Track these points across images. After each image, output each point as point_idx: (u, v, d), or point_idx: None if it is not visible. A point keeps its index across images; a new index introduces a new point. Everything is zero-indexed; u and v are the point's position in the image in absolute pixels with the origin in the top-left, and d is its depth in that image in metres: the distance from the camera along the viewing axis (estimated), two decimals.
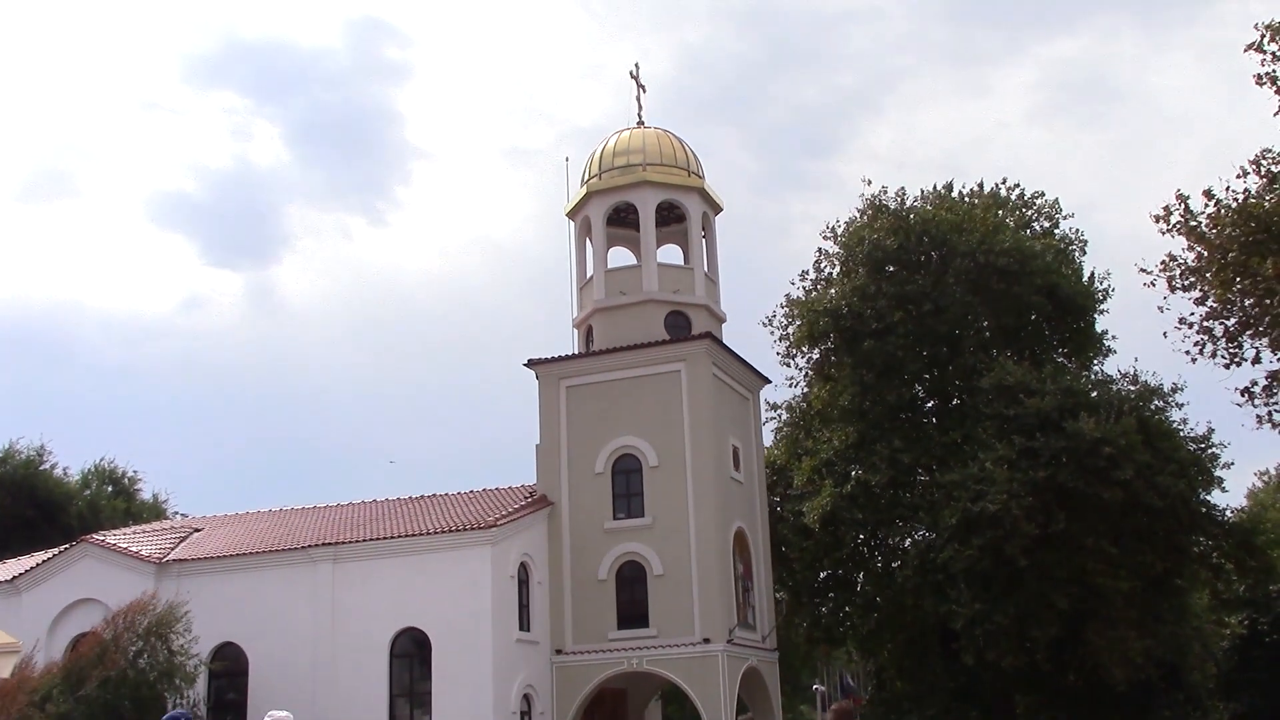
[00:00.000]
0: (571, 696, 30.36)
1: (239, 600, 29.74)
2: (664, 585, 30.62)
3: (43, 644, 28.35)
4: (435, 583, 28.65)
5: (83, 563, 31.60)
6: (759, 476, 35.62)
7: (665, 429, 31.54)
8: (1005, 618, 32.59)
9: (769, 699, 33.55)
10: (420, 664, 28.88)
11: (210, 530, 35.02)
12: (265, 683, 29.19)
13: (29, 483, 48.10)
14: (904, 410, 38.57)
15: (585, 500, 31.62)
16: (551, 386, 32.96)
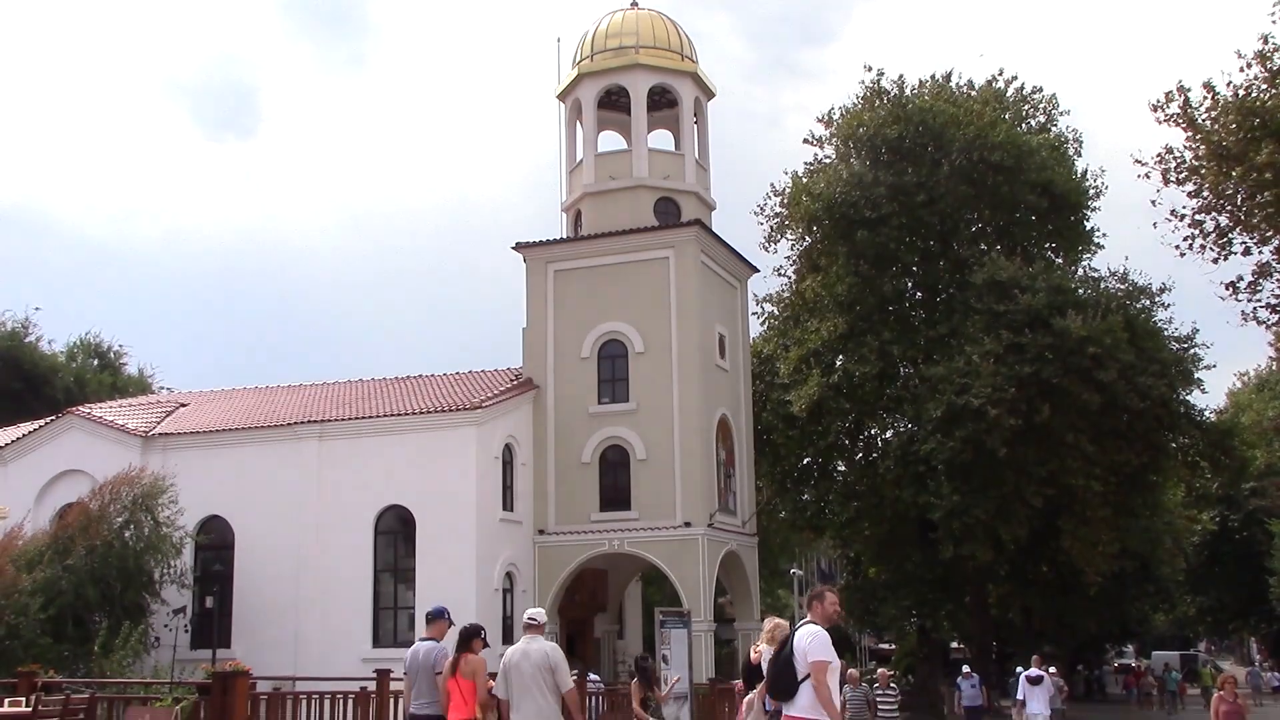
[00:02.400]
0: (553, 575, 30.83)
1: (225, 475, 29.90)
2: (647, 469, 30.90)
3: (30, 513, 28.54)
4: (420, 462, 28.82)
5: (69, 434, 31.70)
6: (744, 365, 35.74)
7: (652, 315, 31.51)
8: (983, 511, 33.09)
9: (747, 583, 34.13)
10: (404, 541, 29.21)
11: (196, 405, 35.08)
12: (251, 556, 29.53)
13: (13, 355, 47.98)
14: (893, 303, 38.66)
15: (571, 384, 31.72)
16: (539, 270, 32.83)
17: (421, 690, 11.44)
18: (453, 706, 11.03)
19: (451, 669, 11.15)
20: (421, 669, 11.50)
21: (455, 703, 11.02)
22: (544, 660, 10.60)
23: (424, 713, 11.38)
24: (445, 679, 11.15)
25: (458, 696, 11.01)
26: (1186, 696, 48.43)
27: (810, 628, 9.43)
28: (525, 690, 10.49)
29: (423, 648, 11.70)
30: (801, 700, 9.20)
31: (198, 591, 29.33)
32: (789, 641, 9.49)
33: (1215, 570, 52.98)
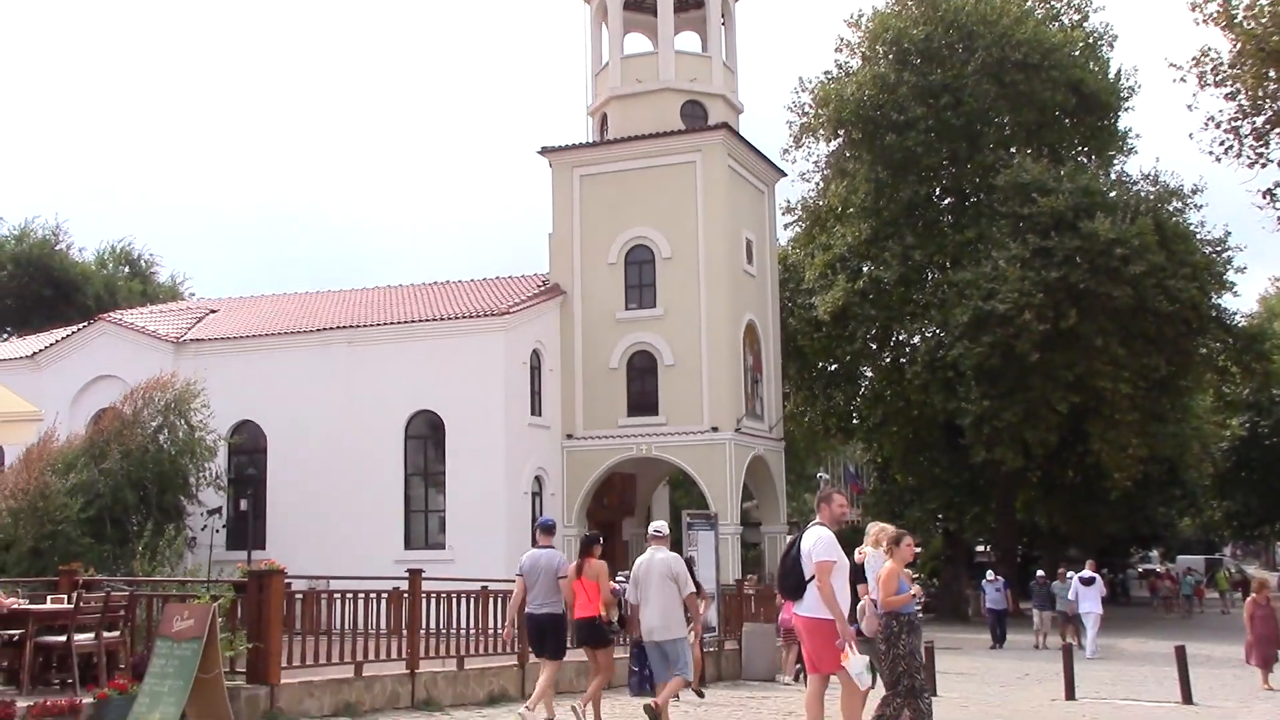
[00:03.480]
0: (582, 479, 31.18)
1: (256, 380, 30.21)
2: (674, 375, 31.03)
3: (64, 418, 28.94)
4: (449, 367, 29.03)
5: (101, 340, 32.05)
6: (771, 270, 35.63)
7: (679, 220, 31.39)
8: (1012, 416, 33.13)
9: (774, 487, 34.42)
10: (434, 445, 29.56)
11: (227, 312, 35.35)
12: (283, 460, 29.96)
13: (44, 262, 48.33)
14: (919, 207, 38.36)
15: (598, 290, 31.75)
16: (565, 175, 32.67)
17: (542, 592, 12.41)
18: (578, 605, 12.28)
19: (576, 572, 12.36)
20: (543, 573, 12.42)
21: (580, 602, 12.26)
22: (667, 569, 11.80)
23: (543, 612, 12.41)
24: (570, 581, 12.31)
25: (582, 596, 12.25)
26: (1204, 600, 48.79)
27: (817, 529, 9.63)
28: (651, 594, 11.77)
29: (542, 554, 12.57)
30: (808, 600, 9.45)
31: (232, 494, 29.82)
32: (796, 544, 9.71)
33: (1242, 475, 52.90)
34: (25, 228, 49.72)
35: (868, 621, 10.10)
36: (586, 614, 12.26)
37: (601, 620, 12.35)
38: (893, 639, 9.96)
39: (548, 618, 12.46)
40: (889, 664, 9.94)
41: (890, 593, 9.97)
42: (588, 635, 12.42)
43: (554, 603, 12.42)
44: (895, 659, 9.95)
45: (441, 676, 14.33)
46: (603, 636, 12.47)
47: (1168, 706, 15.58)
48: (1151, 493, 46.14)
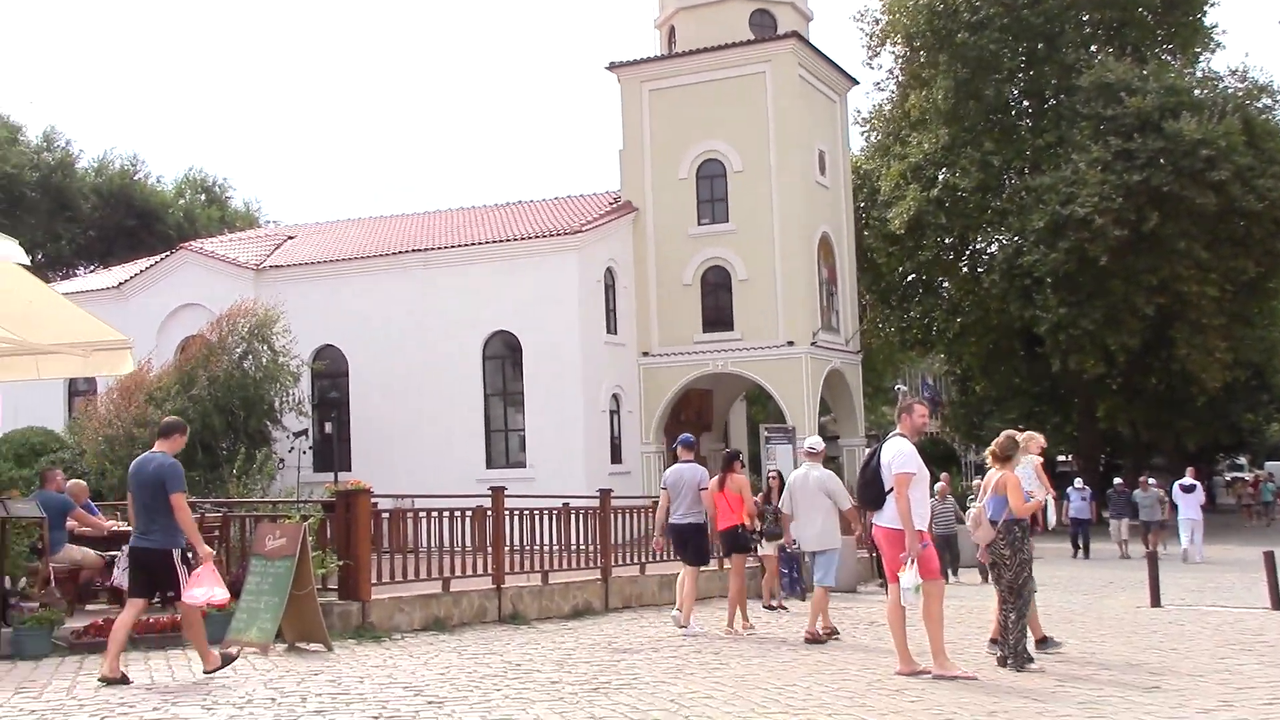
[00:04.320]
0: (659, 396, 31.32)
1: (335, 305, 30.63)
2: (748, 290, 30.91)
3: (151, 346, 29.59)
4: (524, 288, 29.17)
5: (184, 269, 32.63)
6: (845, 182, 35.16)
7: (750, 133, 31.02)
8: (1091, 323, 32.60)
9: (851, 400, 34.31)
10: (512, 365, 29.82)
11: (303, 238, 35.77)
12: (365, 383, 30.46)
13: (125, 193, 49.19)
14: (996, 112, 37.52)
15: (669, 206, 31.59)
16: (634, 90, 32.39)
17: (685, 503, 13.20)
18: (721, 515, 13.20)
19: (719, 485, 13.17)
20: (686, 485, 13.23)
21: (723, 512, 13.18)
22: (821, 484, 12.74)
23: (686, 522, 13.24)
24: (712, 494, 13.16)
25: (725, 507, 13.15)
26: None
27: (897, 440, 9.60)
28: (805, 507, 12.81)
29: (685, 469, 13.37)
30: (887, 511, 9.48)
31: (316, 418, 30.40)
32: (876, 455, 9.70)
33: None
34: (104, 159, 50.62)
35: (982, 531, 10.10)
36: (730, 524, 13.15)
37: (744, 529, 13.26)
38: (1016, 544, 9.98)
39: (690, 527, 13.27)
40: (1014, 569, 9.95)
41: (1020, 500, 9.94)
42: (731, 543, 13.32)
43: (696, 513, 13.24)
44: (1021, 564, 9.97)
45: (527, 591, 14.61)
46: (745, 544, 13.43)
47: (1257, 612, 15.42)
48: (1238, 398, 45.25)
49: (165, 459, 9.33)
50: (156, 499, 9.18)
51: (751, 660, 10.79)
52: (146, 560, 9.29)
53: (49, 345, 13.22)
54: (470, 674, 9.73)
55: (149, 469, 9.30)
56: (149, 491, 9.25)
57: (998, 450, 10.37)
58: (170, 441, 9.49)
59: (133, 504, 9.47)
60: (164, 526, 9.17)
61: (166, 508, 9.14)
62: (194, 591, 9.18)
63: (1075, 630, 12.84)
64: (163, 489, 9.15)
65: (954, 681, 9.13)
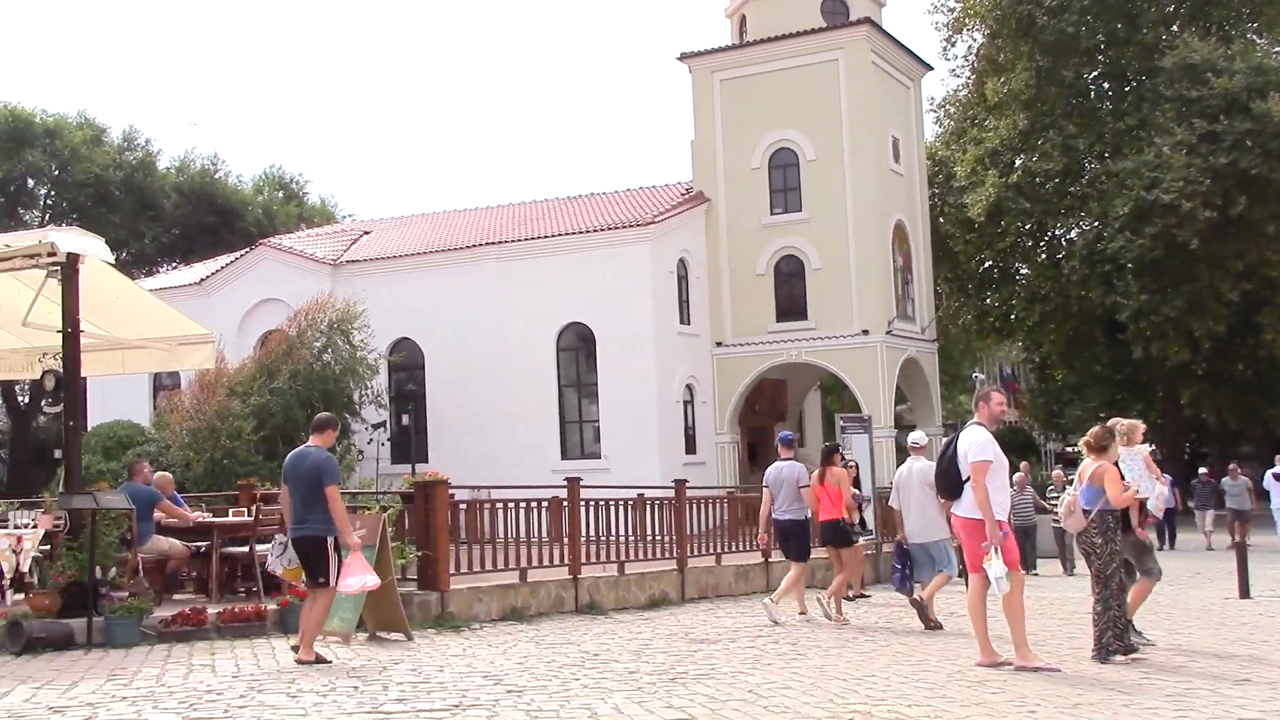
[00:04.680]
0: (732, 386, 31.24)
1: (411, 298, 30.95)
2: (822, 279, 30.71)
3: (234, 341, 30.15)
4: (597, 279, 29.26)
5: (263, 265, 33.19)
6: (920, 169, 34.77)
7: (823, 121, 30.80)
8: (1174, 309, 31.96)
9: (928, 389, 33.97)
10: (585, 357, 29.94)
11: (379, 232, 36.20)
12: (441, 375, 30.76)
13: (207, 191, 50.09)
14: (1077, 95, 36.87)
15: (742, 196, 31.48)
16: (705, 80, 32.30)
17: (785, 500, 13.50)
18: (822, 509, 13.48)
19: (819, 480, 13.48)
20: (785, 482, 13.52)
21: (824, 506, 13.45)
22: (925, 476, 12.76)
23: (787, 518, 13.53)
24: (812, 489, 13.43)
25: (825, 501, 13.43)
26: None
27: (974, 429, 9.47)
28: (912, 500, 13.28)
29: (784, 465, 13.70)
30: (965, 501, 9.34)
31: (394, 410, 30.76)
32: (953, 444, 9.58)
33: None
34: (186, 159, 51.60)
35: (1074, 519, 9.97)
36: (830, 517, 13.45)
37: (845, 522, 13.59)
38: (1108, 533, 9.83)
39: (791, 523, 13.56)
40: (1103, 558, 9.81)
41: (1119, 491, 9.79)
42: (832, 536, 13.58)
43: (797, 509, 13.50)
44: (1111, 554, 9.82)
45: (603, 581, 14.66)
46: (846, 537, 13.69)
47: None
48: None
49: (320, 453, 9.79)
50: (312, 491, 9.62)
51: (830, 651, 10.73)
52: (305, 548, 9.75)
53: (135, 340, 13.55)
54: (548, 663, 9.78)
55: (305, 463, 9.74)
56: (305, 484, 9.66)
57: (1092, 441, 10.21)
58: (323, 436, 9.95)
59: (288, 496, 9.85)
60: (319, 517, 9.60)
61: (321, 499, 9.56)
62: (348, 580, 9.60)
63: (1161, 622, 12.61)
64: (318, 481, 9.59)
65: (1036, 673, 9.00)
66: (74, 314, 11.43)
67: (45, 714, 7.45)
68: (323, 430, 9.98)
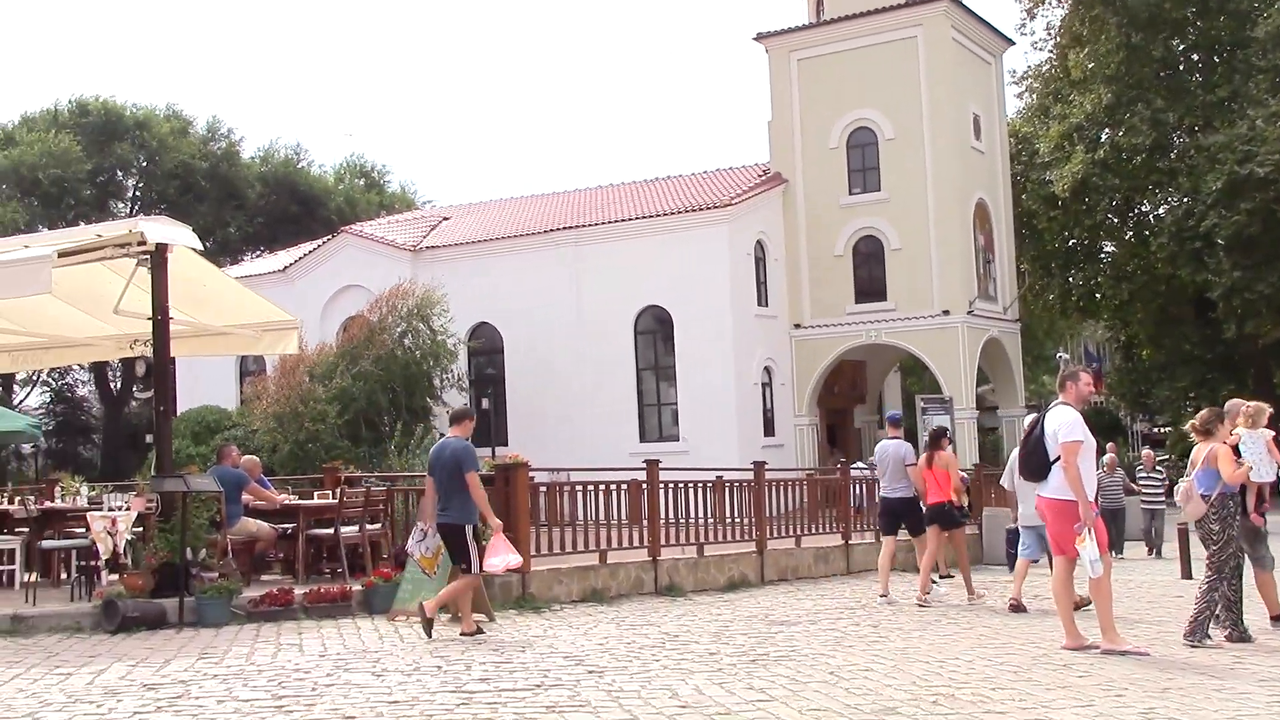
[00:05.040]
0: (811, 368, 31.06)
1: (490, 283, 31.18)
2: (902, 259, 30.39)
3: (317, 326, 30.63)
4: (674, 262, 29.23)
5: (345, 252, 33.64)
6: (1001, 146, 34.20)
7: (902, 99, 30.42)
8: (1268, 286, 31.13)
9: (1010, 369, 33.48)
10: (663, 340, 29.95)
11: (458, 218, 36.51)
12: (520, 359, 30.98)
13: (290, 180, 50.90)
14: (1166, 68, 35.95)
15: (820, 176, 31.22)
16: (782, 60, 32.06)
17: (891, 478, 13.79)
18: (930, 491, 13.67)
19: (927, 463, 13.71)
20: (892, 460, 13.74)
21: (931, 488, 13.65)
22: None
23: (896, 495, 13.80)
24: (920, 470, 13.68)
25: (933, 484, 13.65)
26: None
27: (1062, 409, 9.30)
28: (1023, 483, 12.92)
29: (891, 445, 13.90)
30: (1053, 481, 9.18)
31: (473, 394, 31.04)
32: (1039, 424, 9.41)
33: None
34: (269, 149, 52.46)
35: (1193, 505, 9.78)
36: (938, 499, 13.64)
37: (952, 505, 13.75)
38: (1228, 519, 9.64)
39: (898, 500, 13.80)
40: (1220, 544, 9.62)
41: (1231, 467, 9.60)
42: (938, 518, 13.71)
43: (903, 487, 13.72)
44: (1229, 539, 9.63)
45: (683, 563, 14.68)
46: (953, 519, 13.84)
47: None
48: None
49: (460, 443, 10.34)
50: (453, 479, 10.19)
51: (912, 634, 10.64)
52: (446, 534, 10.39)
53: (222, 326, 13.81)
54: (628, 644, 9.82)
55: (446, 452, 10.32)
56: (447, 472, 10.24)
57: (1199, 424, 10.02)
58: (461, 427, 10.55)
59: (432, 484, 10.44)
60: (460, 504, 10.18)
61: (462, 486, 10.13)
62: (492, 560, 10.17)
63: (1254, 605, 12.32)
64: (458, 469, 10.16)
65: (1124, 656, 8.85)
66: (163, 301, 11.69)
67: (140, 691, 7.64)
68: (460, 421, 10.61)
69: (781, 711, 6.95)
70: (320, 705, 7.15)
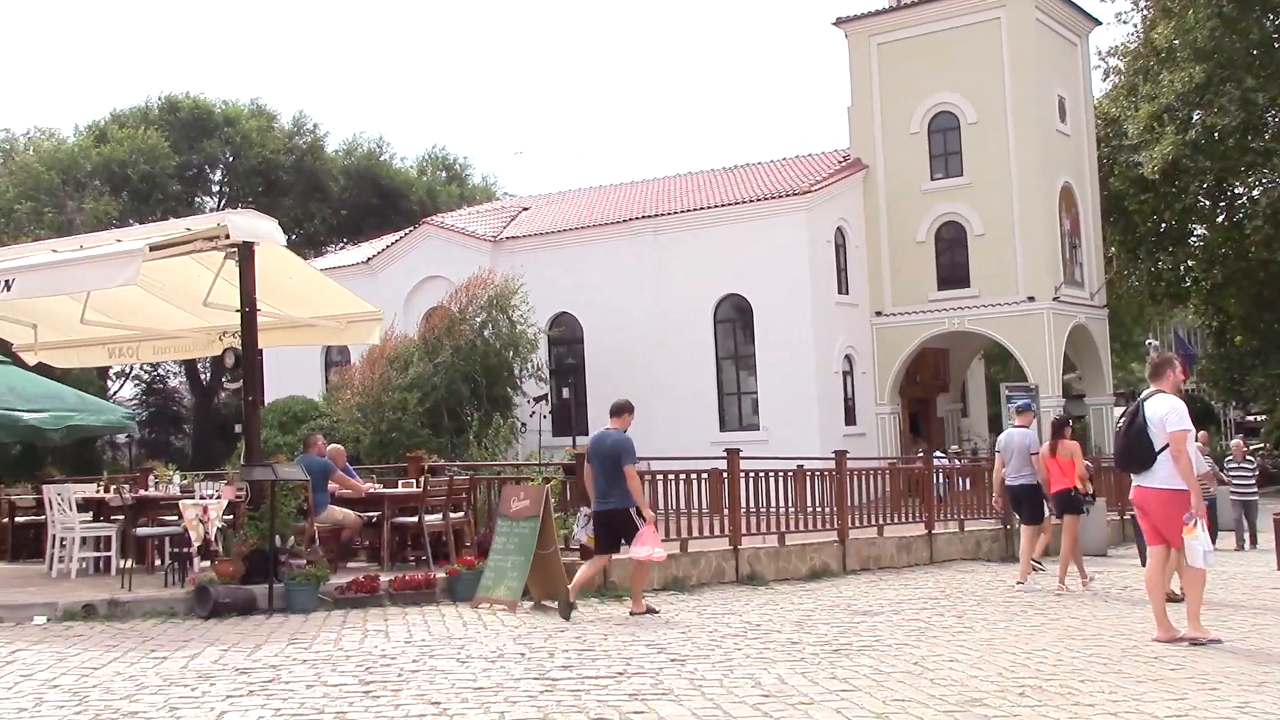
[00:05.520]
0: (893, 356, 30.75)
1: (569, 273, 31.29)
2: (985, 245, 29.95)
3: (400, 317, 30.99)
4: (753, 250, 29.09)
5: (426, 243, 33.99)
6: (1087, 128, 33.52)
7: (984, 82, 29.94)
8: None
9: (1097, 357, 32.87)
10: (743, 328, 29.84)
11: (537, 209, 36.69)
12: (599, 349, 31.05)
13: (372, 173, 51.52)
14: (1260, 45, 34.89)
15: (900, 162, 30.87)
16: (861, 45, 31.72)
17: (1015, 466, 14.12)
18: (1053, 479, 13.83)
19: (1050, 450, 13.91)
20: (1017, 449, 14.17)
21: (1055, 476, 13.81)
22: None
23: (1019, 483, 14.13)
24: (1044, 458, 13.92)
25: (1057, 472, 13.80)
26: None
27: (1164, 397, 9.07)
28: None
29: (1016, 433, 14.40)
30: (1160, 471, 8.94)
31: (554, 383, 31.21)
32: (1139, 413, 9.16)
33: None
34: (353, 142, 53.14)
35: None
36: (1063, 486, 13.76)
37: (1077, 492, 13.84)
38: None
39: (1022, 488, 14.13)
40: None
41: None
42: (1064, 505, 13.85)
43: (1027, 475, 14.02)
44: None
45: (764, 552, 14.64)
46: (1077, 506, 13.91)
47: None
48: None
49: (619, 435, 10.98)
50: (613, 469, 10.84)
51: (998, 625, 10.51)
52: (608, 519, 11.01)
53: (308, 318, 14.04)
54: (710, 633, 9.82)
55: (606, 444, 10.97)
56: (606, 463, 10.89)
57: None
58: (620, 420, 11.18)
59: (592, 474, 11.10)
60: (620, 492, 10.84)
61: (620, 475, 10.79)
62: (638, 549, 10.77)
63: None
64: (617, 461, 10.79)
65: (1206, 646, 8.69)
66: (251, 294, 11.91)
67: (232, 675, 7.81)
68: (619, 414, 11.22)
69: (865, 702, 6.90)
70: (406, 691, 7.25)
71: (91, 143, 45.87)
